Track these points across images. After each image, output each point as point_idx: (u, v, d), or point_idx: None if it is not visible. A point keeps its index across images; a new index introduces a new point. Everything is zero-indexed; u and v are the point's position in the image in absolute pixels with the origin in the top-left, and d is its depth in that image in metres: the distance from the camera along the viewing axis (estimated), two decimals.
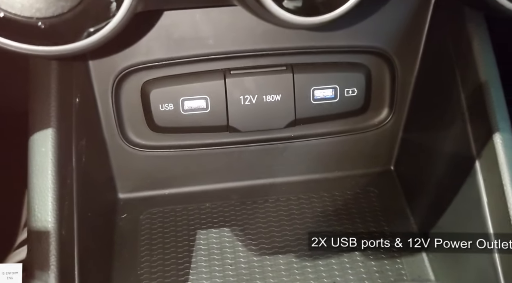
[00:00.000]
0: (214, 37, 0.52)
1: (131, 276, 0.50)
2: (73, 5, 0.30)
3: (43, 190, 0.41)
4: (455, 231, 0.47)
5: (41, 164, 0.43)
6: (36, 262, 0.42)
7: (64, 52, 0.32)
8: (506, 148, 0.45)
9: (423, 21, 0.54)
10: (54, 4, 0.30)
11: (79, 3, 0.30)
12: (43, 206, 0.40)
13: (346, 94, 0.56)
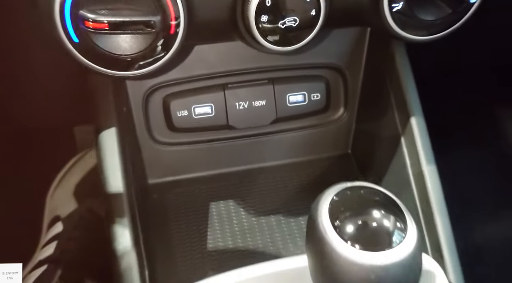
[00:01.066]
0: (216, 61, 0.69)
1: (164, 236, 0.68)
2: (143, 48, 0.49)
3: (115, 172, 0.58)
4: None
5: (111, 159, 0.59)
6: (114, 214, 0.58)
7: (136, 75, 0.50)
8: (419, 127, 0.65)
9: (363, 43, 0.73)
10: (134, 47, 0.48)
11: (148, 47, 0.49)
12: (115, 181, 0.58)
13: (312, 98, 0.74)
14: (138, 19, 0.46)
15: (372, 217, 0.38)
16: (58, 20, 0.45)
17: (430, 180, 0.60)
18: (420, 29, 0.55)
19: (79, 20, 0.45)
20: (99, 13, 0.45)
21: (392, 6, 0.52)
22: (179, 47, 0.50)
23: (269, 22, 0.51)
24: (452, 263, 0.56)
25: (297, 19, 0.51)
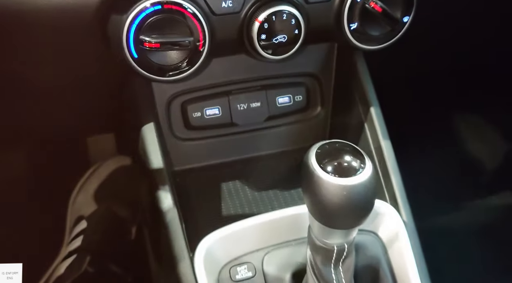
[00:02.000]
0: (221, 73, 0.84)
1: (189, 205, 0.85)
2: (181, 60, 0.69)
3: (159, 161, 0.76)
4: None
5: (153, 145, 0.76)
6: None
7: (175, 80, 0.70)
8: (377, 115, 0.85)
9: (333, 55, 0.89)
10: (174, 60, 0.68)
11: (183, 59, 0.69)
12: (157, 160, 0.75)
13: (296, 99, 0.90)
14: (178, 40, 0.66)
15: (343, 158, 0.58)
16: (124, 43, 0.65)
17: (386, 149, 0.80)
18: (371, 42, 0.76)
19: (139, 42, 0.65)
20: (152, 37, 0.65)
21: (350, 26, 0.74)
22: (204, 59, 0.70)
23: (266, 39, 0.71)
24: (404, 207, 0.77)
25: (285, 36, 0.71)
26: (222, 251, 0.70)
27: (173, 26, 0.66)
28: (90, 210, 1.25)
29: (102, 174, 1.30)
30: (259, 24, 0.70)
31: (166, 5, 0.64)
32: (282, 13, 0.70)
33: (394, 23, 0.74)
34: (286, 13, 0.70)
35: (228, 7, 0.69)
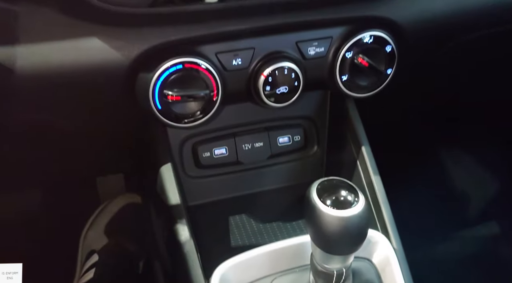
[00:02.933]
0: (228, 118, 0.91)
1: (202, 236, 0.92)
2: (197, 109, 0.79)
3: (176, 198, 0.84)
4: None
5: (171, 183, 0.84)
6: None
7: (192, 126, 0.80)
8: (367, 154, 0.93)
9: (327, 101, 0.97)
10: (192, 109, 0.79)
11: (199, 108, 0.79)
12: (175, 197, 0.85)
13: (295, 139, 0.98)
14: (196, 93, 0.77)
15: (339, 193, 0.68)
16: (151, 96, 0.76)
17: (377, 184, 0.90)
18: (359, 90, 0.87)
19: (163, 96, 0.76)
20: (174, 90, 0.76)
21: (341, 78, 0.86)
22: (217, 107, 0.81)
23: (270, 90, 0.82)
24: (394, 236, 0.86)
25: (287, 87, 0.82)
26: (234, 278, 0.79)
27: (191, 81, 0.77)
28: (101, 245, 1.32)
29: (112, 210, 1.38)
30: (264, 78, 0.81)
31: (186, 64, 0.75)
32: (283, 69, 0.81)
33: (379, 74, 0.86)
34: (287, 69, 0.81)
35: (237, 64, 0.80)
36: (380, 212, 0.88)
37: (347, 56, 0.84)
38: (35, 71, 0.71)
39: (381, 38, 0.84)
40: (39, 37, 0.70)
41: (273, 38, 0.81)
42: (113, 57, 0.73)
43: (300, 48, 0.82)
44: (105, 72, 0.74)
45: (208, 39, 0.78)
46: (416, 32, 0.87)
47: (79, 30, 0.71)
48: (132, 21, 0.72)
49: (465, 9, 0.88)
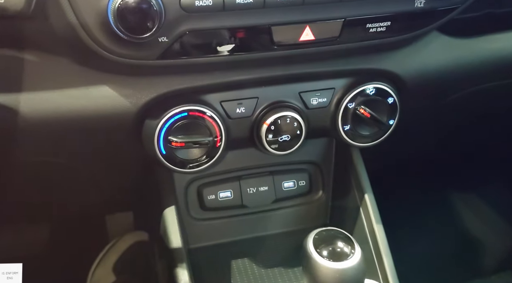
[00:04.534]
0: (233, 161, 0.92)
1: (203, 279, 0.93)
2: (200, 155, 0.81)
3: (178, 241, 0.85)
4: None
5: (173, 225, 0.85)
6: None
7: (195, 171, 0.82)
8: (370, 201, 0.95)
9: (332, 147, 0.98)
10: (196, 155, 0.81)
11: (203, 154, 0.81)
12: (176, 240, 0.86)
13: (300, 184, 0.98)
14: (199, 139, 0.79)
15: (336, 244, 0.69)
16: (156, 142, 0.78)
17: (379, 233, 0.90)
18: (362, 139, 0.89)
19: (167, 142, 0.79)
20: (179, 137, 0.79)
21: (343, 127, 0.87)
22: (220, 154, 0.83)
23: (273, 138, 0.83)
24: None
25: (289, 136, 0.83)
26: None
27: (195, 128, 0.80)
28: (109, 282, 1.33)
29: (120, 248, 1.38)
30: (266, 126, 0.83)
31: (191, 112, 0.78)
32: (286, 118, 0.83)
33: (381, 125, 0.87)
34: (289, 118, 0.83)
35: (241, 112, 0.83)
36: (381, 263, 0.88)
37: (349, 106, 0.85)
38: (45, 117, 0.74)
39: (383, 90, 0.85)
40: (50, 84, 0.74)
41: (276, 88, 0.84)
42: (121, 105, 0.76)
43: (303, 98, 0.85)
44: (113, 119, 0.77)
45: (213, 88, 0.81)
46: (418, 85, 0.88)
47: (89, 78, 0.75)
48: (141, 71, 0.75)
49: (467, 63, 0.90)
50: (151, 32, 0.65)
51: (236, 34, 0.72)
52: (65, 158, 0.87)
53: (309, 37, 0.75)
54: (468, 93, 0.95)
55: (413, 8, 0.75)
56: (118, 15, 0.63)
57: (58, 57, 0.73)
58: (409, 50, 0.86)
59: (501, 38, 0.93)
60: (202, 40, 0.71)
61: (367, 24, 0.76)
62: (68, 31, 0.67)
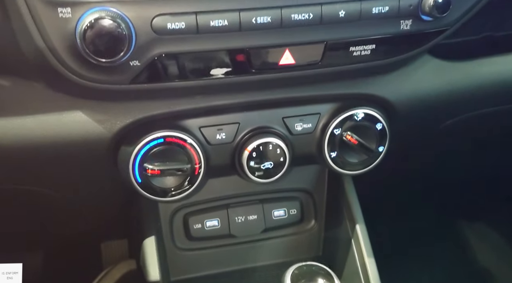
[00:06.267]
0: (220, 189, 0.91)
1: None
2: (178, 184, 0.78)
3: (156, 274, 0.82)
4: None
5: (152, 258, 0.83)
6: None
7: (173, 200, 0.79)
8: (362, 232, 0.92)
9: (324, 174, 0.97)
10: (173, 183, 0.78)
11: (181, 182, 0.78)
12: (155, 273, 0.82)
13: (291, 213, 0.96)
14: (177, 167, 0.76)
15: (315, 281, 0.64)
16: (131, 170, 0.75)
17: (370, 267, 0.85)
18: (350, 167, 0.85)
19: (143, 169, 0.76)
20: (155, 165, 0.76)
21: (330, 155, 0.83)
22: (200, 182, 0.79)
23: (255, 166, 0.80)
24: None
25: (272, 163, 0.80)
26: None
27: (173, 155, 0.77)
28: None
29: (114, 277, 1.35)
30: (248, 153, 0.80)
31: (167, 139, 0.75)
32: (268, 144, 0.80)
33: (369, 152, 0.83)
34: (272, 144, 0.80)
35: (222, 139, 0.80)
36: None
37: (336, 132, 0.82)
38: (17, 143, 0.73)
39: (371, 115, 0.82)
40: (22, 110, 0.72)
41: (258, 113, 0.81)
42: (95, 131, 0.74)
43: (286, 123, 0.82)
44: (88, 145, 0.75)
45: (192, 113, 0.78)
46: (409, 111, 0.84)
47: (61, 104, 0.73)
48: (115, 96, 0.73)
49: (462, 88, 0.86)
50: (120, 55, 0.63)
51: (212, 58, 0.70)
52: (42, 186, 0.84)
53: (289, 61, 0.72)
54: (464, 119, 0.91)
55: (398, 30, 0.72)
56: (86, 39, 0.61)
57: (30, 82, 0.72)
58: (399, 74, 0.83)
59: (498, 61, 0.89)
60: (176, 64, 0.69)
61: (350, 48, 0.73)
62: (37, 56, 0.65)
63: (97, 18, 0.60)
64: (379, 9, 0.69)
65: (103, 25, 0.61)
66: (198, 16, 0.65)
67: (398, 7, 0.70)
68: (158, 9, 0.64)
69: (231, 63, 0.71)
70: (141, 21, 0.63)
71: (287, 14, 0.67)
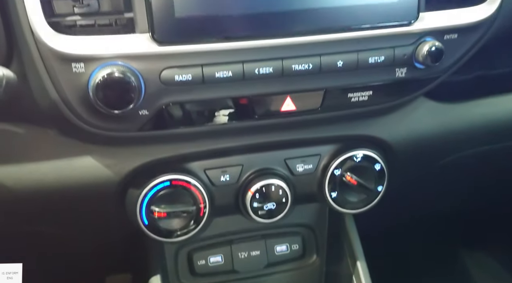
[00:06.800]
0: (224, 225, 0.93)
1: None
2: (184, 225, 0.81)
3: None
4: None
5: None
6: None
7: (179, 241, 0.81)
8: (362, 268, 0.94)
9: (325, 210, 1.00)
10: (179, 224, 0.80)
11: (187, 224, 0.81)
12: None
13: (293, 248, 0.98)
14: (183, 209, 0.79)
15: None
16: (138, 213, 0.78)
17: None
18: (351, 206, 0.87)
19: (150, 212, 0.78)
20: (161, 207, 0.78)
21: (331, 194, 0.86)
22: (205, 222, 0.82)
23: (258, 206, 0.82)
24: None
25: (274, 204, 0.83)
26: None
27: (179, 197, 0.79)
28: None
29: None
30: (251, 194, 0.82)
31: (174, 181, 0.78)
32: (271, 185, 0.83)
33: (368, 192, 0.86)
34: (275, 185, 0.83)
35: (226, 180, 0.82)
36: None
37: (336, 173, 0.85)
38: (31, 188, 0.75)
39: (369, 156, 0.85)
40: (36, 156, 0.75)
41: (261, 155, 0.84)
42: (104, 175, 0.77)
43: (288, 165, 0.85)
44: (97, 188, 0.78)
45: (197, 156, 0.81)
46: (406, 151, 0.87)
47: (73, 149, 0.76)
48: (123, 142, 0.76)
49: (457, 128, 0.89)
50: (131, 106, 0.66)
51: (217, 105, 0.73)
52: (50, 226, 0.87)
53: (290, 107, 0.76)
54: (460, 157, 0.94)
55: (394, 78, 0.76)
56: (98, 91, 0.64)
57: (44, 129, 0.75)
58: (396, 115, 0.86)
59: (490, 102, 0.92)
60: (183, 111, 0.72)
61: (348, 94, 0.76)
62: (51, 107, 0.68)
63: (109, 73, 0.64)
64: (375, 58, 0.73)
65: (114, 79, 0.64)
66: (204, 68, 0.68)
67: (393, 57, 0.73)
68: (166, 63, 0.67)
69: (235, 110, 0.74)
70: (150, 74, 0.67)
71: (288, 64, 0.70)
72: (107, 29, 0.67)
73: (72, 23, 0.65)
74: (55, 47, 0.63)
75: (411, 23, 0.72)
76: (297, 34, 0.70)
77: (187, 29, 0.66)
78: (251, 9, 0.67)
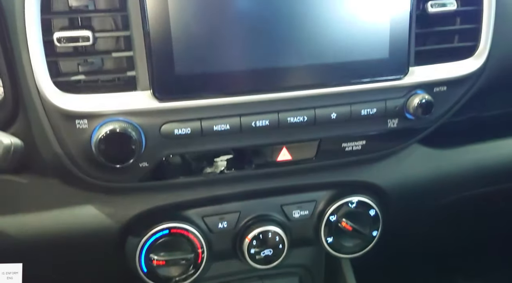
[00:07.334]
0: (220, 266, 0.93)
1: None
2: (184, 271, 0.83)
3: None
4: None
5: None
6: None
7: None
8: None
9: (322, 252, 1.05)
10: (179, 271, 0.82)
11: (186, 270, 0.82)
12: None
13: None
14: (181, 257, 0.81)
15: None
16: (137, 261, 0.80)
17: None
18: (346, 250, 0.89)
19: (149, 260, 0.80)
20: (160, 255, 0.80)
21: (327, 240, 0.88)
22: (204, 268, 0.83)
23: (255, 253, 0.85)
24: None
25: (271, 250, 0.85)
26: None
27: (177, 244, 0.81)
28: None
29: None
30: (248, 241, 0.84)
31: (172, 230, 0.80)
32: (268, 232, 0.84)
33: (364, 237, 0.87)
34: (271, 232, 0.84)
35: (223, 227, 0.84)
36: None
37: (331, 219, 0.86)
38: (34, 237, 0.77)
39: (364, 202, 0.87)
40: (40, 206, 0.77)
41: (258, 202, 0.86)
42: (105, 223, 0.79)
43: (284, 211, 0.86)
44: (97, 236, 0.79)
45: (195, 204, 0.83)
46: (400, 196, 0.90)
47: (74, 198, 0.78)
48: (123, 191, 0.78)
49: (448, 173, 0.92)
50: (131, 160, 0.69)
51: (215, 156, 0.75)
52: (50, 271, 0.88)
53: (286, 157, 0.78)
54: (454, 199, 0.96)
55: (386, 128, 0.78)
56: (100, 147, 0.67)
57: (46, 179, 0.77)
58: (390, 162, 0.89)
59: (481, 148, 0.95)
60: (182, 163, 0.75)
61: (342, 144, 0.79)
62: (55, 160, 0.71)
63: (112, 129, 0.66)
64: (367, 111, 0.75)
65: (116, 135, 0.67)
66: (202, 122, 0.71)
67: (385, 109, 0.76)
68: (166, 117, 0.70)
69: (233, 161, 0.76)
70: (150, 128, 0.69)
71: (283, 117, 0.73)
72: (110, 85, 0.70)
73: (76, 80, 0.68)
74: (60, 105, 0.66)
75: (402, 77, 0.75)
76: (292, 88, 0.73)
77: (186, 86, 0.69)
78: (248, 66, 0.70)
